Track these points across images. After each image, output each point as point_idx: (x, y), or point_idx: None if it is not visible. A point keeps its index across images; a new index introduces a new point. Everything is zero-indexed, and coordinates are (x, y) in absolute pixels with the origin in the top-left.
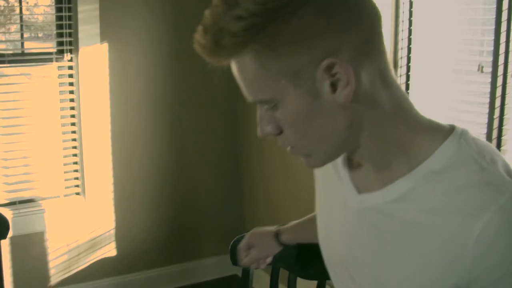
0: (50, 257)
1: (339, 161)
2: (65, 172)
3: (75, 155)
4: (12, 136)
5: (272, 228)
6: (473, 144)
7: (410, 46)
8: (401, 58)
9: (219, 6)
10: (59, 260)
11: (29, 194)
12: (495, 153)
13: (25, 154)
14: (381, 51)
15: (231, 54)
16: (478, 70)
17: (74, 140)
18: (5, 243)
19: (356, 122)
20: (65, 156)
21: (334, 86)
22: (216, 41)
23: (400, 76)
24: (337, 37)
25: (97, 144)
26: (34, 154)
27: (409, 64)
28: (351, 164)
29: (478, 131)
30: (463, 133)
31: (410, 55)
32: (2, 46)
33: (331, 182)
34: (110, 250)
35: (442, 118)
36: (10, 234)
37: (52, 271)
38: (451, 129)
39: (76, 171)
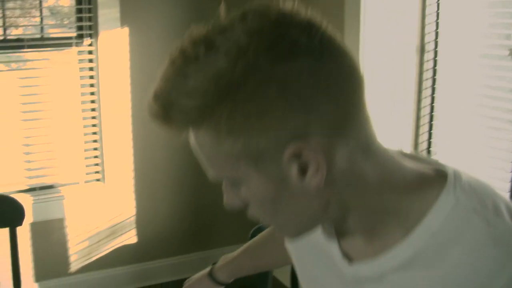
0: (70, 244)
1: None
2: (85, 158)
3: (95, 141)
4: (32, 121)
5: (206, 270)
6: (471, 192)
7: (437, 30)
8: (428, 43)
9: (170, 72)
10: (79, 247)
11: (49, 181)
12: (495, 196)
13: (45, 140)
14: (362, 121)
15: (182, 129)
16: (509, 55)
17: (94, 126)
18: (25, 229)
19: (334, 200)
20: (85, 142)
21: (303, 171)
22: (166, 113)
23: (427, 61)
24: (303, 119)
25: (118, 130)
26: (54, 140)
27: (436, 49)
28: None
29: (507, 117)
30: (457, 180)
31: (437, 39)
32: (22, 31)
33: (315, 237)
34: (130, 237)
35: (470, 104)
36: (30, 220)
37: (72, 258)
38: (443, 177)
39: (96, 157)
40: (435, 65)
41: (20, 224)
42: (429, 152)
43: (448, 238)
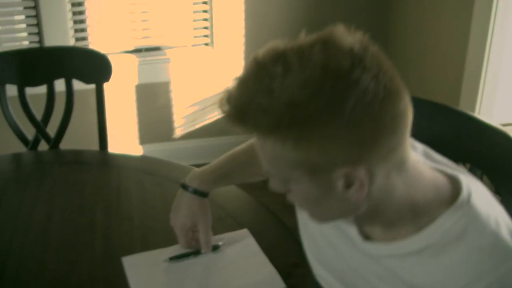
0: (174, 109)
1: None
2: (194, 21)
3: (205, 2)
4: None
5: (186, 192)
6: (481, 204)
7: None
8: None
9: (253, 87)
10: (183, 113)
11: (156, 42)
12: (500, 214)
13: (154, 1)
14: (405, 146)
15: (252, 134)
16: None
17: None
18: (131, 91)
19: (365, 206)
20: (194, 4)
21: (347, 185)
22: (238, 118)
23: None
24: (358, 151)
25: None
26: (164, 1)
27: None
28: None
29: None
30: (470, 192)
31: None
32: None
33: None
34: None
35: None
36: (135, 82)
37: (175, 123)
38: (457, 187)
39: (205, 19)
40: None
41: (107, 80)
42: None
43: (455, 237)
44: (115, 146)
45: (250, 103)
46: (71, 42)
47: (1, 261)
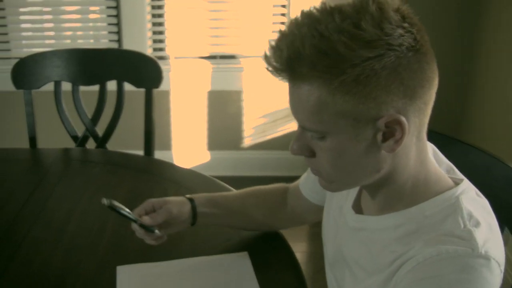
0: (244, 118)
1: None
2: (273, 32)
3: (283, 14)
4: None
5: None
6: (469, 204)
7: None
8: None
9: (307, 31)
10: (253, 123)
11: (231, 50)
12: (485, 217)
13: (233, 9)
14: (431, 102)
15: (300, 81)
16: None
17: (283, 6)
18: (203, 97)
19: (383, 169)
20: (274, 15)
21: (385, 137)
22: (290, 64)
23: None
24: (405, 99)
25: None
26: (242, 10)
27: None
28: None
29: None
30: (464, 191)
31: None
32: None
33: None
34: None
35: None
36: (208, 88)
37: (245, 133)
38: (455, 184)
39: None
40: None
41: (156, 86)
42: None
43: (430, 224)
44: (182, 149)
45: (305, 47)
46: (148, 43)
47: (13, 249)
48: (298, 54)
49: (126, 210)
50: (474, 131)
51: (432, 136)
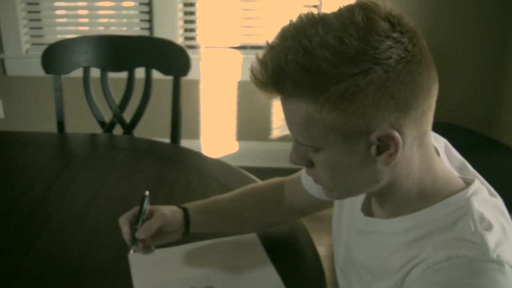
0: (274, 110)
1: None
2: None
3: (315, 6)
4: None
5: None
6: (481, 205)
7: None
8: None
9: (291, 45)
10: (283, 115)
11: (262, 41)
12: (498, 219)
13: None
14: (430, 118)
15: (286, 97)
16: None
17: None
18: (233, 87)
19: (382, 180)
20: (305, 6)
21: (379, 150)
22: (274, 81)
23: None
24: (398, 112)
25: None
26: (273, 1)
27: None
28: None
29: None
30: (475, 192)
31: None
32: None
33: None
34: None
35: None
36: (238, 78)
37: (274, 124)
38: (466, 185)
39: None
40: None
41: (184, 74)
42: None
43: (440, 228)
44: (210, 139)
45: (288, 63)
46: (179, 32)
47: (36, 232)
48: (282, 70)
49: (145, 212)
50: (508, 131)
51: (464, 132)
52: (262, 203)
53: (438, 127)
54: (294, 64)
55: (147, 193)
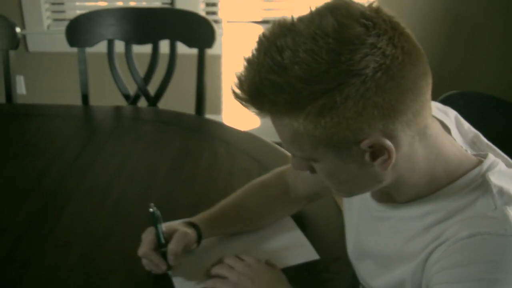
0: None
1: None
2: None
3: None
4: None
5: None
6: (498, 179)
7: None
8: None
9: (264, 61)
10: None
11: (284, 15)
12: None
13: None
14: (427, 112)
15: (268, 114)
16: None
17: None
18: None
19: (386, 180)
20: None
21: (374, 156)
22: (253, 100)
23: None
24: (386, 119)
25: None
26: None
27: None
28: None
29: None
30: (491, 166)
31: None
32: None
33: None
34: None
35: None
36: None
37: None
38: (479, 162)
39: None
40: None
41: (209, 46)
42: None
43: (459, 209)
44: (232, 114)
45: (262, 82)
46: (201, 6)
47: (65, 200)
48: (257, 89)
49: (162, 229)
50: None
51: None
52: (269, 202)
53: (455, 97)
54: (268, 83)
55: (152, 209)
